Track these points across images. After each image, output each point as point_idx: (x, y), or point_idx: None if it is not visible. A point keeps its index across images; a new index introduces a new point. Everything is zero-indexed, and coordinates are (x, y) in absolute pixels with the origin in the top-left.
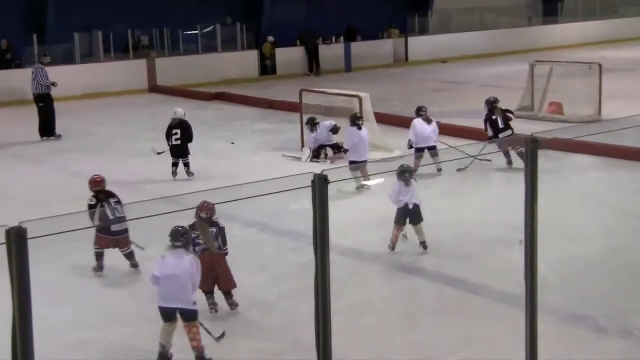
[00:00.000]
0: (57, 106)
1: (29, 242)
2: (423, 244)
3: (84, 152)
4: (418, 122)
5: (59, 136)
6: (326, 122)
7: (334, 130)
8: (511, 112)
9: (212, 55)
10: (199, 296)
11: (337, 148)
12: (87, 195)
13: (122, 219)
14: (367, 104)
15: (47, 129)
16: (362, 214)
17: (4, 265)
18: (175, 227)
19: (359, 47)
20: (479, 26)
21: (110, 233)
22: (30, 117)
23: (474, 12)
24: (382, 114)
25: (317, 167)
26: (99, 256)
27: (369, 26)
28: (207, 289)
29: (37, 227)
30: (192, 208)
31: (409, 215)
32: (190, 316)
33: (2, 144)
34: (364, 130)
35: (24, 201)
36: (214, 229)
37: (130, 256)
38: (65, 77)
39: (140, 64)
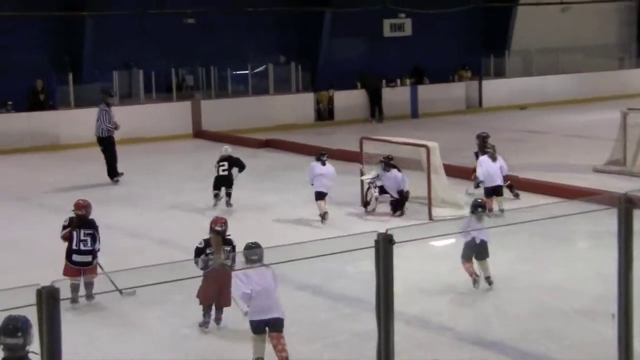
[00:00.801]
0: (90, 151)
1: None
2: (488, 280)
3: (117, 204)
4: (485, 160)
5: (117, 181)
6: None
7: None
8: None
9: (263, 98)
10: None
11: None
12: (117, 249)
13: (87, 252)
14: (435, 155)
15: (109, 171)
16: (430, 278)
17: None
18: (248, 243)
19: (426, 91)
20: (563, 68)
21: (74, 263)
22: (63, 162)
23: (558, 53)
24: (453, 166)
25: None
26: (73, 288)
27: (438, 67)
28: (208, 304)
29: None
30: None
31: (476, 250)
32: (281, 326)
33: (30, 192)
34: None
35: (49, 255)
36: (228, 247)
37: (88, 286)
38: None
39: (185, 106)
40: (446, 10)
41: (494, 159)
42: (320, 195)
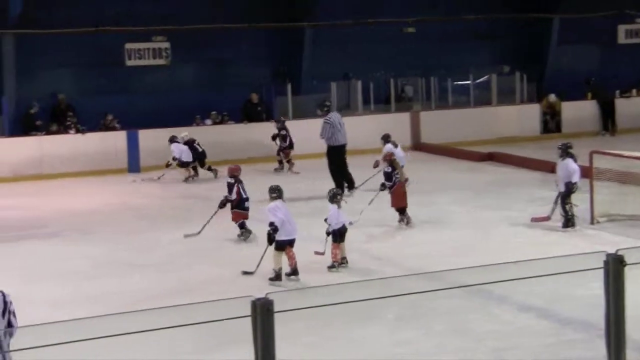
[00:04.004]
0: (307, 164)
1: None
2: None
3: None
4: None
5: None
6: None
7: None
8: None
9: (486, 109)
10: None
11: None
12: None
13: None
14: None
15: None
16: None
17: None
18: (271, 185)
19: None
20: None
21: (246, 209)
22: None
23: None
24: None
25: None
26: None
27: None
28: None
29: (284, 299)
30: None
31: None
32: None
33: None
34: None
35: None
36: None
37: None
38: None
39: (403, 118)
40: None
41: None
42: None
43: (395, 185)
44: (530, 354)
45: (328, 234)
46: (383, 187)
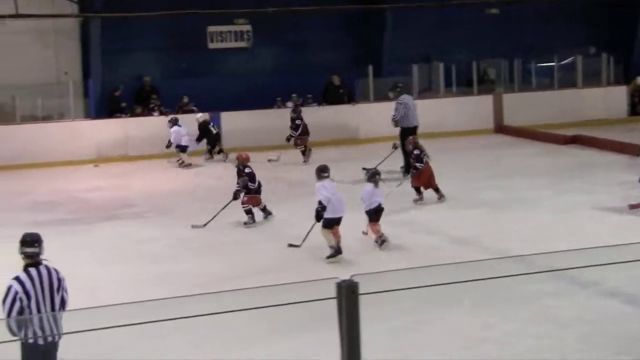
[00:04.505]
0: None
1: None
2: None
3: (411, 200)
4: None
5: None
6: None
7: None
8: None
9: (570, 92)
10: None
11: None
12: (414, 246)
13: None
14: None
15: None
16: None
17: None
18: (320, 165)
19: None
20: None
21: (260, 192)
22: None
23: None
24: None
25: None
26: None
27: None
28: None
29: (368, 281)
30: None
31: None
32: (341, 221)
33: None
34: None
35: (347, 250)
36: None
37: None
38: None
39: (486, 100)
40: None
41: None
42: None
43: (424, 166)
44: (616, 341)
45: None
46: (415, 169)
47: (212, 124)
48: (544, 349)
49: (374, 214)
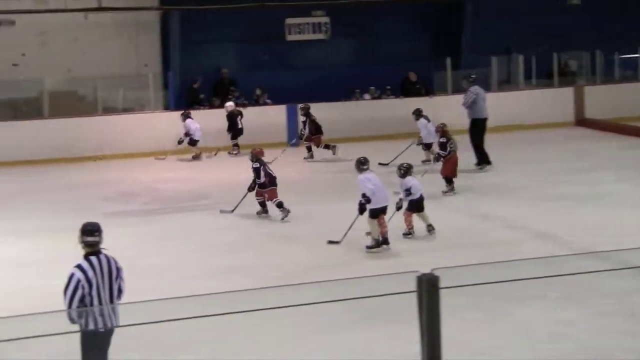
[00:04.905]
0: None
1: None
2: None
3: (493, 194)
4: None
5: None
6: None
7: None
8: None
9: None
10: None
11: None
12: (490, 240)
13: None
14: None
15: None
16: None
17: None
18: (359, 157)
19: None
20: None
21: (276, 185)
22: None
23: None
24: None
25: None
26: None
27: None
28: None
29: (448, 275)
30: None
31: None
32: (386, 210)
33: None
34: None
35: (427, 244)
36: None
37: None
38: None
39: (566, 93)
40: None
41: None
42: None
43: (450, 155)
44: None
45: (398, 208)
46: (439, 157)
47: (240, 118)
48: (627, 347)
49: (416, 205)
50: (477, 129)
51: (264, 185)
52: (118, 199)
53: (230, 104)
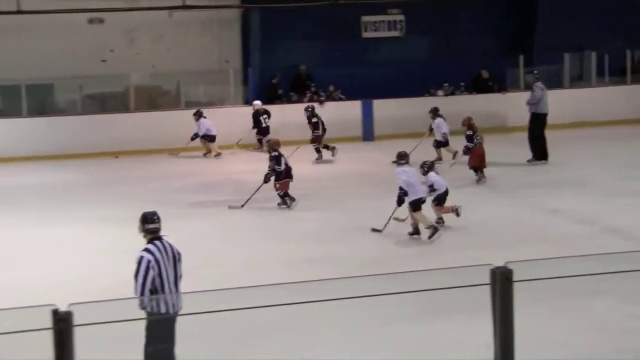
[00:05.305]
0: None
1: None
2: None
3: (565, 188)
4: None
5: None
6: None
7: None
8: None
9: None
10: None
11: None
12: (561, 235)
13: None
14: None
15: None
16: None
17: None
18: (399, 152)
19: None
20: None
21: (292, 177)
22: (507, 143)
23: None
24: None
25: None
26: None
27: None
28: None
29: (520, 268)
30: None
31: None
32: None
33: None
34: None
35: (498, 238)
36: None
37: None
38: (553, 103)
39: (638, 90)
40: None
41: None
42: None
43: (476, 146)
44: None
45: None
46: (466, 149)
47: (264, 117)
48: None
49: (442, 198)
50: (539, 123)
51: (280, 175)
52: (199, 189)
53: (257, 103)
